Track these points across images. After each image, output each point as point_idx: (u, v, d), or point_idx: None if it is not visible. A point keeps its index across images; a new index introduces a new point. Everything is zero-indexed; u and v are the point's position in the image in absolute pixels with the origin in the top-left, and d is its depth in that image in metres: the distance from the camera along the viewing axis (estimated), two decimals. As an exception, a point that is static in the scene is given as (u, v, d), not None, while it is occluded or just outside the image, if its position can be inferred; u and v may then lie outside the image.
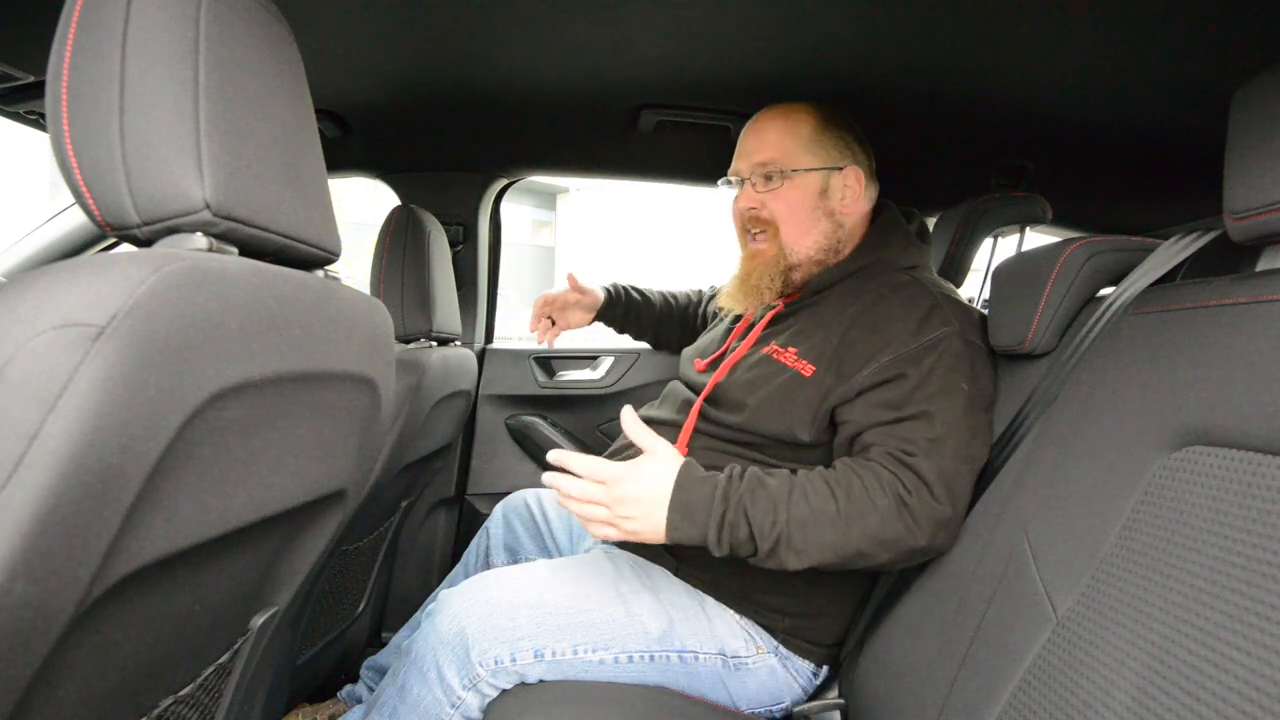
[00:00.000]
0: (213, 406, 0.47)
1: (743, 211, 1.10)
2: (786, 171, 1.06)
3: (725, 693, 0.97)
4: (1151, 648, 0.55)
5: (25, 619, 0.39)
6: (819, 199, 1.07)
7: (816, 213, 1.07)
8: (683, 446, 1.05)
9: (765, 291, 1.08)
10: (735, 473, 0.88)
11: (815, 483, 0.87)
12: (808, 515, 0.84)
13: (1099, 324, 0.81)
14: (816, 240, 1.07)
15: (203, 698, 0.68)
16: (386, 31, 1.05)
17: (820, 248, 1.08)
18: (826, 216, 1.07)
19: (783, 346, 1.03)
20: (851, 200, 1.08)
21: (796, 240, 1.07)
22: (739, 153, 1.12)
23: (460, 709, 0.87)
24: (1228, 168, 0.61)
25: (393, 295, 1.27)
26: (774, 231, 1.07)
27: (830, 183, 1.07)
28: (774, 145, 1.07)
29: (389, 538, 1.48)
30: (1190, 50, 0.94)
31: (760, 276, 1.08)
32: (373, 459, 0.80)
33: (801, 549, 0.84)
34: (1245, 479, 0.53)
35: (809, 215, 1.07)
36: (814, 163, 1.06)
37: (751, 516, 0.84)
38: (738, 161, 1.11)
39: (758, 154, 1.08)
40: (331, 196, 0.71)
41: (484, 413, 1.81)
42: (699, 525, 0.85)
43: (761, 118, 1.11)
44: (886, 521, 0.84)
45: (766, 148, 1.07)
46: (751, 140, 1.10)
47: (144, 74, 0.49)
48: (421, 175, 1.70)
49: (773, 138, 1.07)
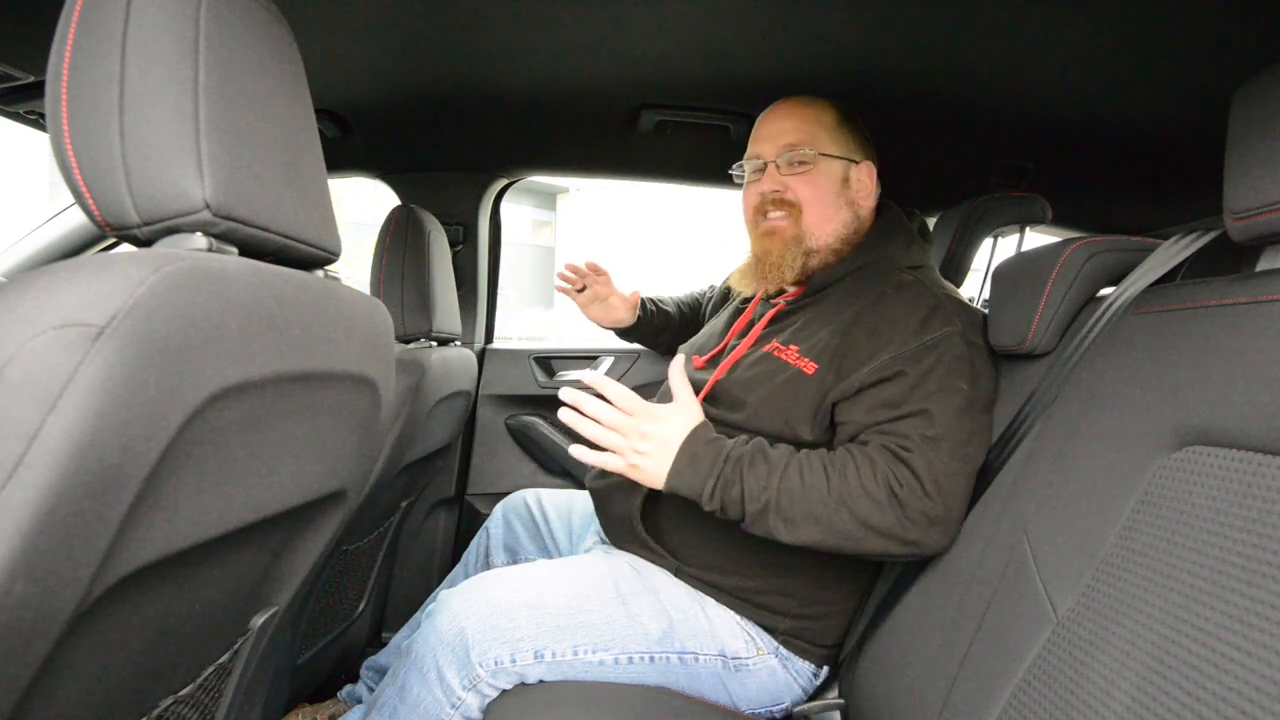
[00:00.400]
0: (212, 407, 0.47)
1: (765, 194, 1.07)
2: (815, 155, 1.05)
3: (725, 693, 0.97)
4: (1151, 648, 0.55)
5: (25, 619, 0.39)
6: (842, 187, 1.07)
7: (839, 200, 1.07)
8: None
9: (787, 270, 1.06)
10: (741, 439, 0.92)
11: (813, 461, 0.89)
12: (798, 487, 0.87)
13: (1099, 324, 0.81)
14: (836, 229, 1.07)
15: (203, 698, 0.68)
16: (386, 31, 1.05)
17: (839, 236, 1.07)
18: (848, 206, 1.07)
19: (784, 344, 1.02)
20: (865, 194, 1.09)
21: (819, 225, 1.06)
22: (759, 136, 1.10)
23: (460, 709, 0.87)
24: (1228, 168, 0.61)
25: (393, 295, 1.27)
26: (796, 214, 1.06)
27: (850, 174, 1.08)
28: (800, 130, 1.06)
29: (389, 538, 1.48)
30: (1190, 50, 0.94)
31: (781, 254, 1.06)
32: (373, 459, 0.80)
33: (789, 518, 0.86)
34: (1245, 479, 0.53)
35: (833, 201, 1.06)
36: (838, 150, 1.06)
37: (746, 479, 0.87)
38: (758, 145, 1.09)
39: (784, 136, 1.06)
40: (331, 196, 0.71)
41: (484, 413, 1.81)
42: (700, 476, 0.88)
43: (784, 104, 1.10)
44: (876, 509, 0.85)
45: (793, 130, 1.06)
46: (775, 124, 1.08)
47: (144, 74, 0.49)
48: (421, 175, 1.70)
49: (799, 122, 1.06)
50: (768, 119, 1.10)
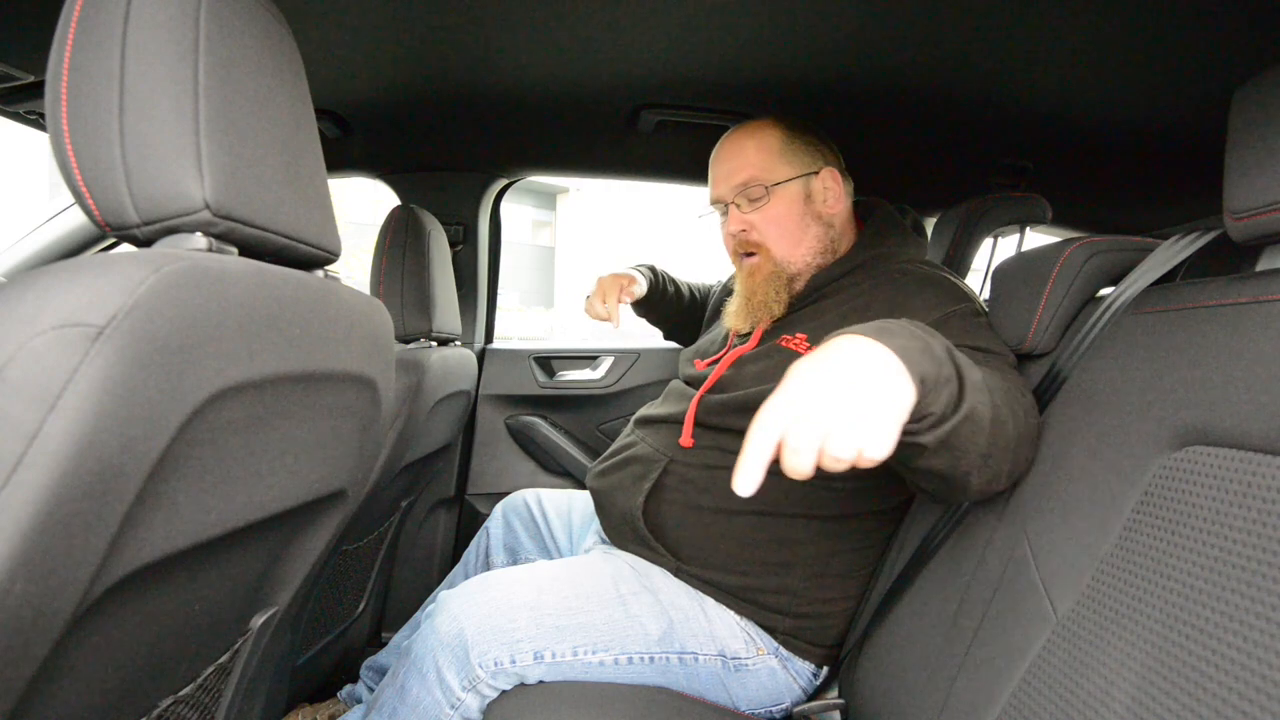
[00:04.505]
0: (212, 407, 0.47)
1: (734, 235, 1.10)
2: (769, 186, 1.06)
3: (725, 693, 0.97)
4: (1151, 648, 0.55)
5: (25, 619, 0.39)
6: (805, 206, 1.07)
7: (805, 220, 1.07)
8: (686, 438, 1.05)
9: (773, 305, 1.07)
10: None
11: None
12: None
13: (1099, 324, 0.81)
14: (811, 246, 1.08)
15: (203, 698, 0.68)
16: (386, 31, 1.05)
17: (815, 251, 1.08)
18: (815, 221, 1.08)
19: (792, 335, 1.03)
20: (834, 200, 1.09)
21: (791, 251, 1.07)
22: (714, 179, 1.11)
23: (460, 710, 0.87)
24: (1228, 168, 0.61)
25: (393, 295, 1.27)
26: (766, 251, 1.07)
27: (811, 187, 1.08)
28: (750, 163, 1.06)
29: (389, 538, 1.48)
30: (1190, 50, 0.94)
31: (765, 292, 1.07)
32: (373, 459, 0.80)
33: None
34: (1245, 479, 0.53)
35: (798, 225, 1.07)
36: (792, 171, 1.06)
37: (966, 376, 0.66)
38: (716, 188, 1.11)
39: (735, 175, 1.07)
40: (331, 196, 0.71)
41: (484, 413, 1.81)
42: (934, 361, 0.62)
43: (728, 141, 1.10)
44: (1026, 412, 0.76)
45: (743, 167, 1.07)
46: (725, 164, 1.09)
47: (144, 74, 0.49)
48: (421, 175, 1.70)
49: (747, 156, 1.07)
50: (717, 159, 1.11)
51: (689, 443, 1.04)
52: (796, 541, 0.99)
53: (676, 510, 1.03)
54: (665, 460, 1.05)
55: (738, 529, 1.00)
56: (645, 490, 1.03)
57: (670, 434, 1.08)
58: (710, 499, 1.01)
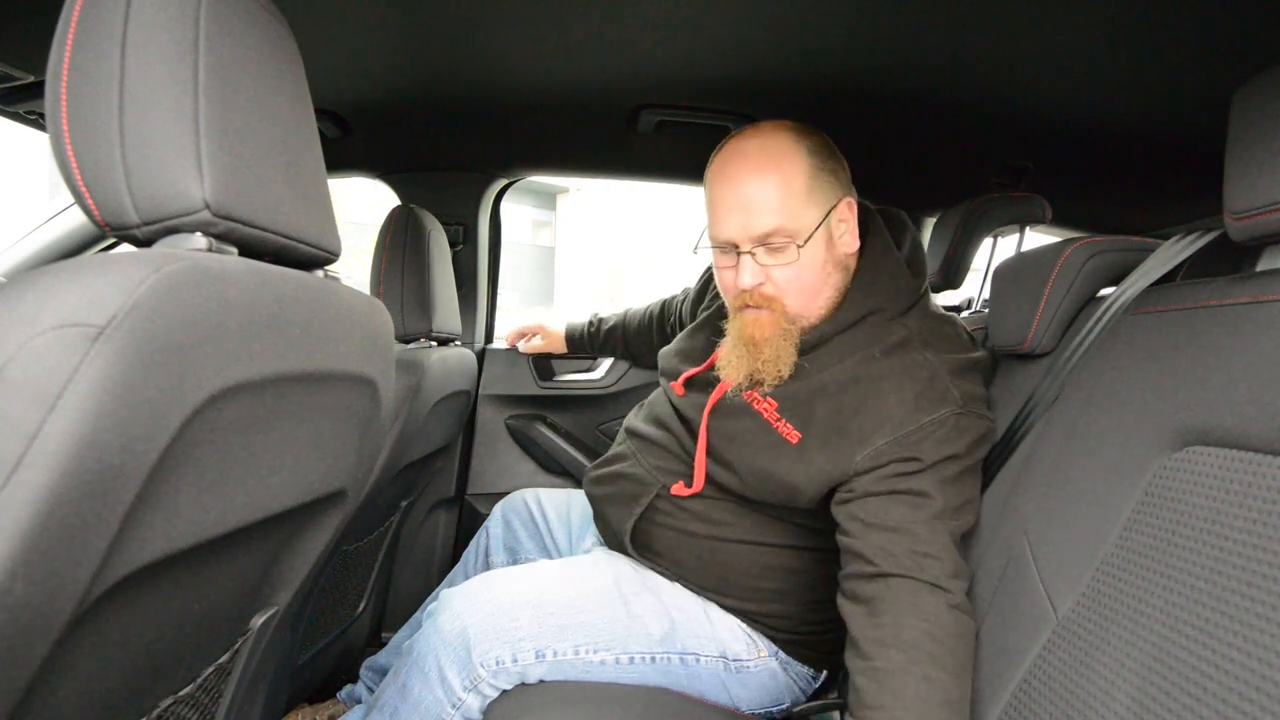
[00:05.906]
0: (212, 407, 0.47)
1: (746, 288, 0.92)
2: (800, 242, 0.89)
3: (726, 694, 0.97)
4: (1151, 648, 0.55)
5: (25, 619, 0.39)
6: (827, 253, 0.93)
7: (827, 269, 0.93)
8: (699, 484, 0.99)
9: (783, 365, 0.92)
10: None
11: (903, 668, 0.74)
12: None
13: (1099, 324, 0.81)
14: (829, 296, 0.95)
15: (203, 698, 0.68)
16: (386, 31, 1.05)
17: (831, 301, 0.95)
18: (835, 267, 0.95)
19: (763, 396, 0.95)
20: (850, 236, 0.96)
21: (806, 306, 0.93)
22: (726, 212, 0.91)
23: (461, 709, 0.87)
24: (1228, 168, 0.61)
25: (392, 295, 1.27)
26: (780, 305, 0.92)
27: (832, 229, 0.93)
28: (775, 209, 0.88)
29: (389, 538, 1.48)
30: (1190, 50, 0.94)
31: (775, 349, 0.92)
32: (373, 459, 0.80)
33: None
34: (1245, 479, 0.53)
35: (820, 278, 0.93)
36: (819, 214, 0.91)
37: None
38: (727, 228, 0.91)
39: (757, 222, 0.89)
40: (331, 196, 0.71)
41: (484, 413, 1.81)
42: None
43: (746, 169, 0.90)
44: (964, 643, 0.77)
45: (767, 214, 0.89)
46: (743, 201, 0.90)
47: (143, 74, 0.49)
48: (421, 175, 1.70)
49: (770, 197, 0.88)
50: (732, 187, 0.91)
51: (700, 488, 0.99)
52: (791, 570, 0.99)
53: (668, 535, 1.02)
54: (657, 486, 1.02)
55: (731, 557, 0.99)
56: (636, 514, 1.02)
57: (662, 459, 1.04)
58: (703, 527, 0.99)
